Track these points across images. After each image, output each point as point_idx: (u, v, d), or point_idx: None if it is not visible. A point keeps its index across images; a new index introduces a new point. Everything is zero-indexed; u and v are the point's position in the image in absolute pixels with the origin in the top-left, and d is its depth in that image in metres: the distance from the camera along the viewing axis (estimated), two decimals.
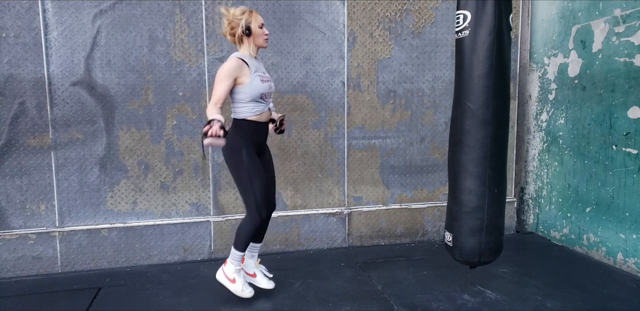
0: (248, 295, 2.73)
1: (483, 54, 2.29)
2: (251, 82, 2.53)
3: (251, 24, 2.56)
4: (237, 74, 2.50)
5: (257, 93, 2.56)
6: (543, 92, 3.98)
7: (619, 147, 3.24)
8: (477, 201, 2.39)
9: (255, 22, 2.57)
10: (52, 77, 3.19)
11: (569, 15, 3.67)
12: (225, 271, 2.75)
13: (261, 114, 2.63)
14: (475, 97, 2.33)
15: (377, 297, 2.82)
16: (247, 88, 2.53)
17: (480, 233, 2.40)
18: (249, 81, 2.53)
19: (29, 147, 3.19)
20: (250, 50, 2.62)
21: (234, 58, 2.54)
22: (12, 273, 3.21)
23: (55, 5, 3.14)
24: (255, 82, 2.54)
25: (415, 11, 3.76)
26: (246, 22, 2.54)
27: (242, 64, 2.52)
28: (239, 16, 2.54)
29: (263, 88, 2.58)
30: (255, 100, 2.58)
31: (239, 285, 2.72)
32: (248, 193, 2.60)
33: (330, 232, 3.77)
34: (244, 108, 2.59)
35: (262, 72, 2.64)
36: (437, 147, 3.91)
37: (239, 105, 2.59)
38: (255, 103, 2.59)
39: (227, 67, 2.49)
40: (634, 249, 3.16)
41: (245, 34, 2.56)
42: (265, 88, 2.60)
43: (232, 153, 2.58)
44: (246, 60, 2.55)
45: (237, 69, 2.50)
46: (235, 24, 2.55)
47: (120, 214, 3.39)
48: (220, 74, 2.48)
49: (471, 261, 2.48)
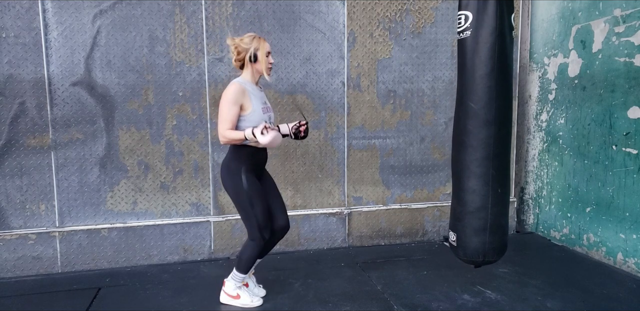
0: (257, 303, 2.73)
1: (485, 54, 2.29)
2: (253, 112, 2.50)
3: (258, 52, 2.53)
4: (241, 100, 2.46)
5: (257, 124, 2.51)
6: (543, 92, 3.98)
7: (619, 147, 3.24)
8: (480, 201, 2.40)
9: (263, 49, 2.54)
10: (52, 77, 3.18)
11: (569, 15, 3.68)
12: (226, 292, 2.75)
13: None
14: (478, 97, 2.33)
15: (377, 297, 2.82)
16: (249, 117, 2.50)
17: (484, 232, 2.41)
18: (251, 110, 2.50)
19: (29, 147, 3.19)
20: (252, 76, 2.59)
21: (236, 83, 2.50)
22: (12, 273, 3.21)
23: (55, 5, 3.14)
24: (257, 112, 2.51)
25: (415, 11, 3.76)
26: (254, 49, 2.52)
27: (244, 89, 2.49)
28: (247, 44, 2.52)
29: (264, 119, 2.55)
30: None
31: (245, 299, 2.73)
32: (250, 218, 2.57)
33: (330, 232, 3.77)
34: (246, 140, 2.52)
35: (263, 102, 2.61)
36: (437, 147, 3.91)
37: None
38: None
39: (231, 93, 2.45)
40: (634, 249, 3.16)
41: (251, 61, 2.53)
42: (266, 119, 2.57)
43: (231, 178, 2.55)
44: (246, 86, 2.52)
45: (240, 94, 2.46)
46: (242, 49, 2.53)
47: (120, 214, 3.39)
48: (226, 100, 2.45)
49: (475, 260, 2.48)
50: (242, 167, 2.54)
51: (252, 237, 2.61)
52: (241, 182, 2.53)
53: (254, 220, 2.56)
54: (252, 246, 2.61)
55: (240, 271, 2.68)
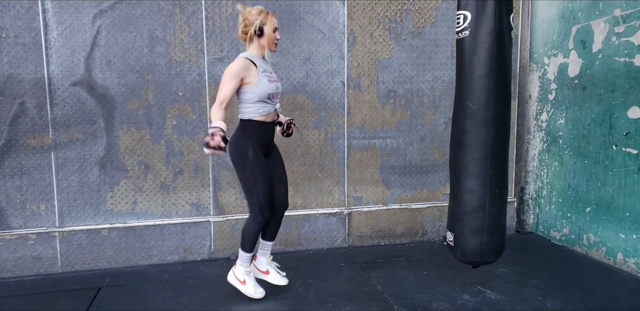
0: (259, 295, 2.75)
1: (484, 54, 2.29)
2: (258, 82, 2.52)
3: (265, 26, 2.53)
4: (244, 74, 2.48)
5: (265, 94, 2.55)
6: (543, 92, 3.98)
7: (619, 147, 3.24)
8: (478, 201, 2.39)
9: (270, 24, 2.54)
10: (52, 77, 3.18)
11: (569, 15, 3.67)
12: (235, 273, 2.78)
13: (268, 114, 2.62)
14: (476, 97, 2.32)
15: (377, 297, 2.82)
16: (255, 89, 2.52)
17: (482, 233, 2.40)
18: (256, 81, 2.51)
19: (29, 147, 3.19)
20: (258, 50, 2.60)
21: (242, 58, 2.52)
22: (12, 273, 3.21)
23: (55, 5, 3.14)
24: (262, 82, 2.53)
25: (415, 11, 3.76)
26: (260, 22, 2.52)
27: (250, 63, 2.51)
28: (255, 15, 2.52)
29: (270, 89, 2.57)
30: (263, 101, 2.57)
31: (249, 287, 2.74)
32: (251, 194, 2.61)
33: (330, 232, 3.77)
34: (250, 109, 2.58)
35: (269, 72, 2.62)
36: (437, 147, 3.91)
37: (246, 105, 2.58)
38: (262, 104, 2.57)
39: (234, 67, 2.47)
40: (634, 249, 3.16)
41: (257, 35, 2.54)
42: (272, 89, 2.58)
43: (239, 153, 2.58)
44: (254, 60, 2.54)
45: (244, 69, 2.48)
46: (249, 22, 2.53)
47: (120, 214, 3.39)
48: (227, 73, 2.47)
49: (473, 261, 2.48)
50: (250, 143, 2.57)
51: (252, 213, 2.64)
52: (248, 159, 2.56)
53: (255, 197, 2.60)
54: (252, 223, 2.64)
55: (245, 250, 2.71)
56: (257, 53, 2.60)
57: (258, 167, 2.58)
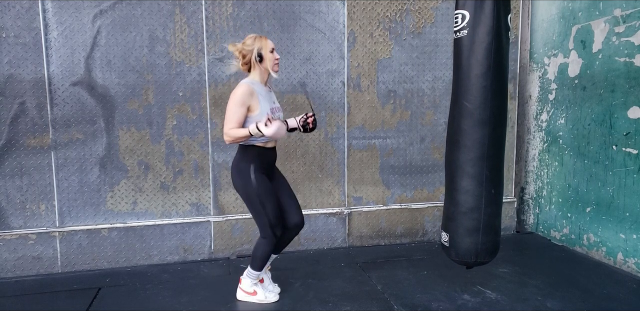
0: (274, 298, 2.77)
1: (481, 54, 2.29)
2: (261, 113, 2.48)
3: (262, 50, 2.52)
4: (249, 101, 2.45)
5: None
6: (543, 92, 3.98)
7: (619, 147, 3.24)
8: (473, 201, 2.38)
9: (266, 48, 2.53)
10: (52, 77, 3.19)
11: (569, 15, 3.67)
12: (243, 289, 2.78)
13: (269, 141, 2.59)
14: (473, 97, 2.32)
15: (377, 297, 2.82)
16: (257, 118, 2.48)
17: (477, 233, 2.40)
18: (259, 112, 2.48)
19: (29, 147, 3.19)
20: (260, 76, 2.58)
21: (245, 84, 2.48)
22: (12, 273, 3.21)
23: (55, 5, 3.14)
24: (264, 113, 2.49)
25: (415, 11, 3.76)
26: (258, 49, 2.51)
27: (253, 91, 2.47)
28: (250, 45, 2.51)
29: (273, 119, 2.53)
30: None
31: (261, 295, 2.76)
32: (261, 216, 2.59)
33: (331, 232, 3.77)
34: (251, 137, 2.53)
35: (272, 102, 2.60)
36: (437, 147, 3.91)
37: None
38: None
39: (239, 94, 2.44)
40: (634, 249, 3.15)
41: (257, 61, 2.52)
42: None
43: (241, 177, 2.55)
44: (255, 88, 2.50)
45: (248, 95, 2.45)
46: (247, 51, 2.52)
47: (120, 214, 3.39)
48: (233, 101, 2.44)
49: (467, 261, 2.47)
50: (251, 166, 2.54)
51: (264, 235, 2.63)
52: (250, 181, 2.53)
53: (265, 219, 2.58)
54: (265, 244, 2.64)
55: (255, 268, 2.71)
56: (258, 79, 2.58)
57: (263, 189, 2.55)
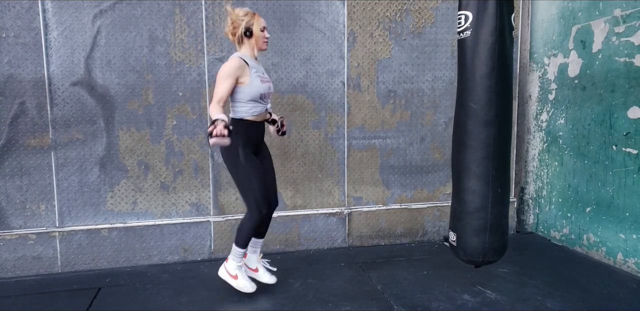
0: (250, 289, 2.76)
1: (485, 55, 2.29)
2: (251, 82, 2.56)
3: (252, 26, 2.59)
4: (238, 73, 2.53)
5: (257, 94, 2.59)
6: (543, 92, 3.98)
7: (619, 147, 3.24)
8: (480, 201, 2.40)
9: (257, 24, 2.60)
10: (52, 77, 3.18)
11: (569, 15, 3.67)
12: (227, 268, 2.80)
13: (259, 114, 2.67)
14: (478, 97, 2.33)
15: (377, 297, 2.82)
16: (247, 88, 2.56)
17: (484, 232, 2.41)
18: (249, 81, 2.56)
19: (29, 147, 3.19)
20: (250, 51, 2.66)
21: (236, 57, 2.56)
22: (12, 273, 3.21)
23: (55, 5, 3.14)
24: (255, 82, 2.58)
25: (415, 11, 3.76)
26: (247, 23, 2.58)
27: (243, 63, 2.55)
28: (241, 17, 2.58)
29: (262, 89, 2.61)
30: (255, 100, 2.61)
31: (241, 281, 2.76)
32: (247, 192, 2.64)
33: (330, 232, 3.77)
34: (242, 108, 2.62)
35: (262, 73, 2.68)
36: (437, 147, 3.91)
37: (238, 104, 2.62)
38: (254, 104, 2.62)
39: (228, 66, 2.52)
40: (634, 249, 3.16)
41: (246, 36, 2.60)
42: (264, 89, 2.63)
43: (230, 153, 2.61)
44: (247, 60, 2.58)
45: (238, 68, 2.52)
46: (237, 24, 2.59)
47: (120, 214, 3.39)
48: (222, 73, 2.51)
49: (475, 260, 2.48)
50: (240, 142, 2.59)
51: (250, 210, 2.66)
52: (238, 156, 2.59)
53: (251, 194, 2.62)
54: (250, 220, 2.66)
55: (239, 245, 2.73)
56: (249, 53, 2.65)
57: (251, 164, 2.61)
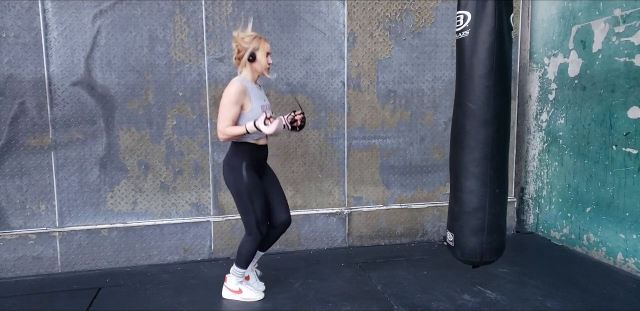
0: (258, 298, 2.77)
1: (484, 54, 2.28)
2: (252, 109, 2.53)
3: (257, 52, 2.56)
4: (241, 99, 2.49)
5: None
6: (543, 92, 3.98)
7: (619, 147, 3.24)
8: (478, 201, 2.39)
9: (262, 50, 2.57)
10: (52, 77, 3.18)
11: (569, 15, 3.67)
12: (228, 287, 2.79)
13: (260, 139, 2.63)
14: (476, 97, 2.32)
15: (377, 297, 2.82)
16: (249, 115, 2.53)
17: (482, 233, 2.40)
18: (250, 108, 2.53)
19: (29, 147, 3.19)
20: (251, 75, 2.62)
21: (237, 82, 2.52)
22: (12, 273, 3.21)
23: (55, 5, 3.14)
24: (255, 110, 2.54)
25: (415, 11, 3.76)
26: (253, 48, 2.55)
27: (244, 88, 2.52)
28: (247, 43, 2.54)
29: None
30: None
31: (246, 293, 2.77)
32: (249, 214, 2.62)
33: (330, 232, 3.77)
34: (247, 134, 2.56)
35: (263, 99, 2.65)
36: (437, 147, 3.91)
37: None
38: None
39: (232, 92, 2.48)
40: (634, 249, 3.16)
41: (249, 60, 2.56)
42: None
43: (233, 175, 2.59)
44: (247, 86, 2.55)
45: (241, 93, 2.49)
46: (242, 48, 2.56)
47: (120, 214, 3.39)
48: (227, 100, 2.48)
49: (473, 261, 2.48)
50: (243, 163, 2.58)
51: (249, 232, 2.65)
52: (242, 178, 2.57)
53: (252, 216, 2.61)
54: (250, 242, 2.66)
55: (240, 266, 2.72)
56: (250, 77, 2.62)
57: (253, 186, 2.59)
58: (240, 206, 2.64)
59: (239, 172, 2.57)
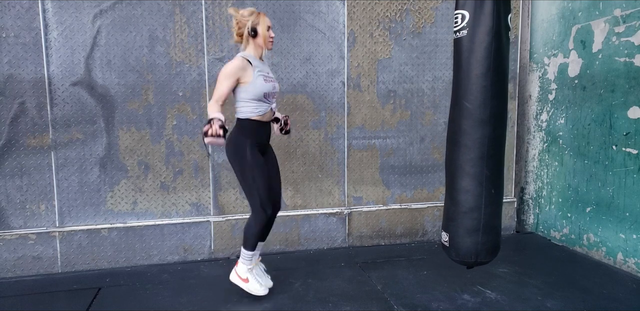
0: (262, 292, 2.75)
1: (481, 54, 2.29)
2: (254, 81, 2.56)
3: (258, 26, 2.59)
4: (240, 73, 2.53)
5: (260, 93, 2.58)
6: (543, 92, 3.98)
7: (619, 147, 3.24)
8: (474, 201, 2.38)
9: (263, 24, 2.60)
10: (52, 77, 3.19)
11: (569, 15, 3.67)
12: (237, 272, 2.79)
13: (264, 114, 2.65)
14: (473, 97, 2.32)
15: (377, 297, 2.82)
16: (250, 88, 2.56)
17: (477, 233, 2.40)
18: (252, 80, 2.56)
19: (29, 147, 3.19)
20: (255, 51, 2.66)
21: (239, 57, 2.57)
22: (12, 273, 3.21)
23: (55, 5, 3.14)
24: (258, 81, 2.57)
25: (415, 11, 3.76)
26: (253, 23, 2.58)
27: (247, 63, 2.56)
28: (246, 17, 2.58)
29: (266, 88, 2.60)
30: (259, 99, 2.60)
31: (252, 284, 2.75)
32: (252, 192, 2.62)
33: (330, 232, 3.77)
34: (247, 108, 2.61)
35: (266, 72, 2.67)
36: (437, 147, 3.91)
37: (242, 104, 2.61)
38: (258, 103, 2.61)
39: (230, 66, 2.52)
40: (634, 249, 3.15)
41: (251, 35, 2.60)
42: (268, 88, 2.62)
43: (236, 152, 2.60)
44: (250, 60, 2.58)
45: (240, 69, 2.53)
46: (242, 24, 2.60)
47: (120, 214, 3.39)
48: (223, 72, 2.52)
49: (468, 261, 2.47)
50: (247, 142, 2.60)
51: (254, 211, 2.65)
52: (246, 156, 2.59)
53: (257, 195, 2.61)
54: (255, 221, 2.66)
55: (247, 248, 2.72)
56: (254, 53, 2.66)
57: (256, 164, 2.60)
58: (244, 185, 2.64)
59: (243, 151, 2.58)
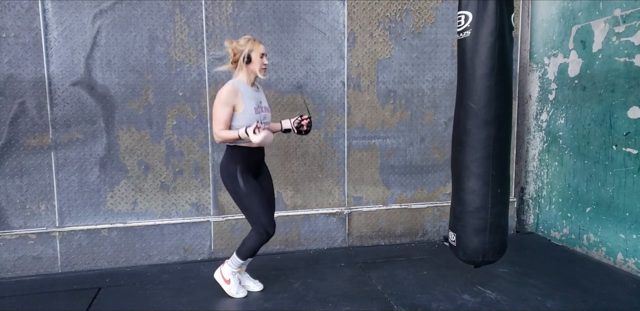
0: (240, 295, 2.80)
1: (485, 54, 2.29)
2: (245, 110, 2.56)
3: (252, 53, 2.60)
4: (233, 100, 2.53)
5: (249, 123, 2.56)
6: (543, 92, 3.98)
7: (619, 147, 3.24)
8: (480, 201, 2.39)
9: (257, 51, 2.61)
10: (52, 77, 3.18)
11: (569, 15, 3.68)
12: (222, 272, 2.83)
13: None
14: (478, 97, 2.33)
15: (377, 297, 2.82)
16: (241, 117, 2.56)
17: (484, 232, 2.41)
18: (242, 111, 2.56)
19: (29, 147, 3.19)
20: (247, 77, 2.65)
21: (229, 84, 2.58)
22: (12, 273, 3.21)
23: (55, 5, 3.14)
24: (248, 111, 2.57)
25: (415, 11, 3.76)
26: (248, 50, 2.59)
27: (236, 88, 2.55)
28: (242, 45, 2.60)
29: (256, 119, 2.59)
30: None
31: (232, 287, 2.80)
32: (252, 216, 2.65)
33: (330, 232, 3.77)
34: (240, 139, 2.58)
35: (258, 102, 2.66)
36: (437, 147, 3.91)
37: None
38: None
39: (224, 92, 2.53)
40: (634, 249, 3.16)
41: (245, 62, 2.60)
42: (259, 119, 2.61)
43: (228, 177, 2.63)
44: (240, 87, 2.58)
45: (232, 94, 2.53)
46: (238, 51, 2.61)
47: (120, 214, 3.39)
48: (219, 101, 2.53)
49: (475, 260, 2.48)
50: (238, 167, 2.62)
51: (257, 232, 2.67)
52: (238, 183, 2.61)
53: (257, 218, 2.65)
54: (257, 238, 2.67)
55: (240, 256, 2.75)
56: (245, 80, 2.65)
57: (251, 190, 2.62)
58: (243, 210, 2.69)
59: (234, 177, 2.61)
